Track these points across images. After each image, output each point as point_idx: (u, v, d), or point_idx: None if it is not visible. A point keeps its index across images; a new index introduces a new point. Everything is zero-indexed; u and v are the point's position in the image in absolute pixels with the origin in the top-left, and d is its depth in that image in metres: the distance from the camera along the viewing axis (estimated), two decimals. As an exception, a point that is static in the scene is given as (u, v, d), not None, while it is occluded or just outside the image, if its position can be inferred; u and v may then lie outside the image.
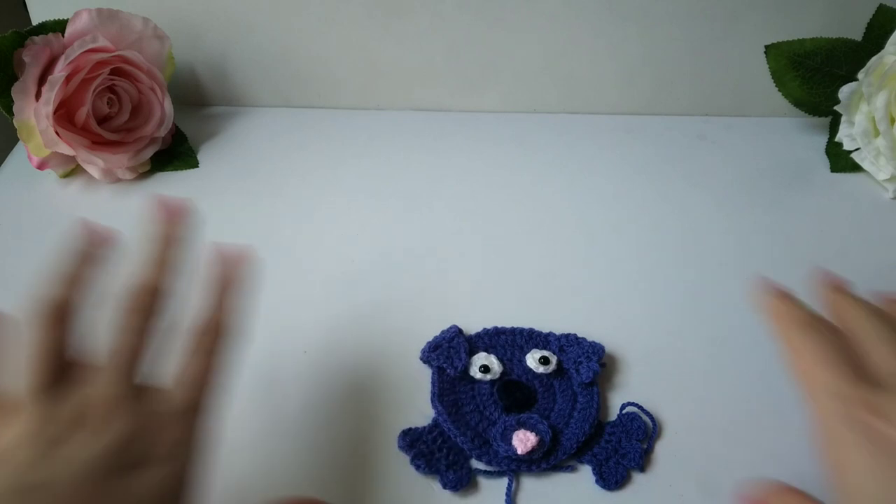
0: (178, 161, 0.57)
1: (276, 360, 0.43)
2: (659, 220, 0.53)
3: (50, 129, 0.51)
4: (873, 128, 0.54)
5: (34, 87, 0.51)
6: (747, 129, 0.61)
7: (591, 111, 0.62)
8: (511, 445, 0.38)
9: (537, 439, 0.38)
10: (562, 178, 0.56)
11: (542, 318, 0.45)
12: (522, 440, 0.38)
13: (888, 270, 0.49)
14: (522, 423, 0.39)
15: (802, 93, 0.57)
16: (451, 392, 0.41)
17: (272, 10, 0.58)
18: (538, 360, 0.42)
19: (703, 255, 0.50)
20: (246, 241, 0.51)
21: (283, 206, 0.54)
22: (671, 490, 0.38)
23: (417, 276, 0.49)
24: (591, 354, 0.42)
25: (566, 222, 0.53)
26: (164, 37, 0.55)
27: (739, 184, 0.56)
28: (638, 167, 0.57)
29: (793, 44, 0.55)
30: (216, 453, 0.39)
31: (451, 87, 0.62)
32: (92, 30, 0.51)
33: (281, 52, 0.60)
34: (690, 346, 0.44)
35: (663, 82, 0.61)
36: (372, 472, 0.38)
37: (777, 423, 0.40)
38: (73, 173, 0.55)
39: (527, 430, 0.38)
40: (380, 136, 0.60)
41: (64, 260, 0.30)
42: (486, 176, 0.57)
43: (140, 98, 0.55)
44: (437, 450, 0.38)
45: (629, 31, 0.59)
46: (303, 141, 0.60)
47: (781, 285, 0.34)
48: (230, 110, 0.63)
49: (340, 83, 0.62)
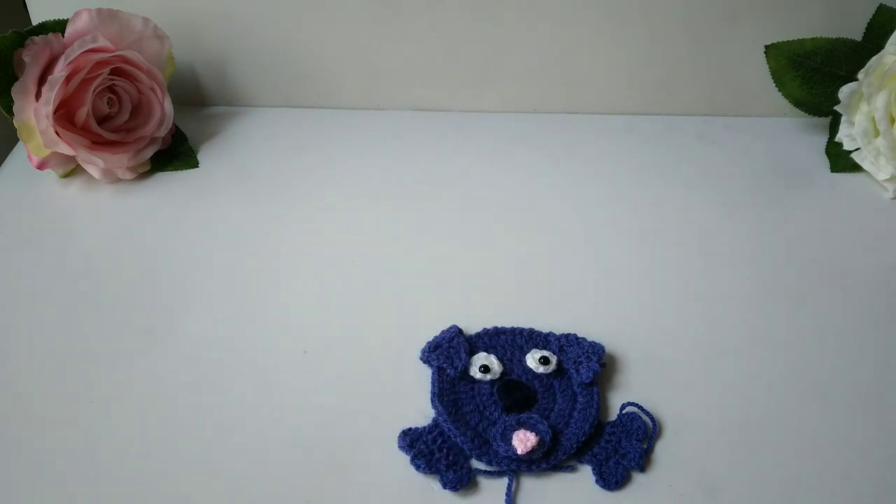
0: (178, 161, 0.57)
1: (276, 360, 0.43)
2: (659, 219, 0.53)
3: (50, 129, 0.51)
4: (873, 128, 0.54)
5: (34, 87, 0.51)
6: (747, 129, 0.61)
7: (591, 111, 0.62)
8: (511, 445, 0.38)
9: (537, 439, 0.38)
10: (562, 177, 0.56)
11: (542, 318, 0.45)
12: (522, 440, 0.38)
13: (888, 271, 0.49)
14: (522, 423, 0.39)
15: (802, 93, 0.57)
16: (451, 392, 0.41)
17: (272, 10, 0.58)
18: (538, 360, 0.42)
19: (703, 255, 0.50)
20: (245, 241, 0.51)
21: (283, 206, 0.54)
22: (671, 490, 0.38)
23: (417, 276, 0.49)
24: (591, 354, 0.42)
25: (566, 222, 0.53)
26: (164, 37, 0.55)
27: (739, 183, 0.56)
28: (638, 167, 0.57)
29: (793, 44, 0.56)
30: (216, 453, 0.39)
31: (451, 87, 0.62)
32: (92, 30, 0.52)
33: (281, 52, 0.60)
34: (691, 346, 0.44)
35: (663, 82, 0.61)
36: (372, 472, 0.38)
37: (777, 422, 0.40)
38: (73, 173, 0.55)
39: (527, 430, 0.38)
40: (380, 136, 0.60)
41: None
42: (486, 176, 0.56)
43: (140, 98, 0.55)
44: (437, 450, 0.38)
45: (629, 31, 0.59)
46: (303, 141, 0.60)
47: None
48: (230, 110, 0.63)
49: (340, 83, 0.62)
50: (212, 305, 0.47)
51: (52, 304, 0.47)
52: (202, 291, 0.48)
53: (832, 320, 0.46)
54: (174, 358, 0.43)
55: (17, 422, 0.40)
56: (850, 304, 0.47)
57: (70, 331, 0.45)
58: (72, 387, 0.42)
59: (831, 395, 0.42)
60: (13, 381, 0.42)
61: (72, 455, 0.39)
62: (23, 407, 0.41)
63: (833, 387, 0.42)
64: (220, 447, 0.39)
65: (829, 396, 0.42)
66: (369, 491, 0.37)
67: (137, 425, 0.40)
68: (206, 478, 0.38)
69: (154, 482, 0.38)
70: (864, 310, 0.47)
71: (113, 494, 0.37)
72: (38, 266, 0.49)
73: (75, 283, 0.48)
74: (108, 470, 0.38)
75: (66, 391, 0.42)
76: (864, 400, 0.42)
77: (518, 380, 0.41)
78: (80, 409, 0.41)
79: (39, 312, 0.46)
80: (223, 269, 0.49)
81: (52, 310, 0.46)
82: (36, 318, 0.46)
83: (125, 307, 0.46)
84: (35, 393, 0.42)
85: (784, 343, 0.45)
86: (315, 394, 0.42)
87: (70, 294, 0.47)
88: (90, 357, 0.43)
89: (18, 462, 0.38)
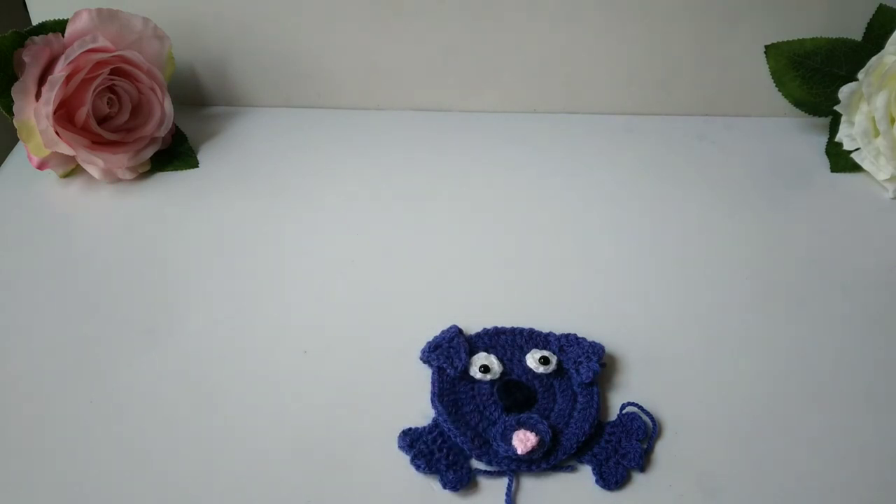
0: (179, 161, 0.57)
1: (276, 360, 0.43)
2: (659, 219, 0.53)
3: (50, 129, 0.51)
4: (873, 128, 0.54)
5: (34, 87, 0.51)
6: (747, 129, 0.61)
7: (591, 111, 0.62)
8: (511, 445, 0.38)
9: (537, 439, 0.38)
10: (562, 177, 0.56)
11: (542, 318, 0.45)
12: (522, 440, 0.38)
13: (888, 271, 0.49)
14: (522, 423, 0.39)
15: (802, 93, 0.57)
16: (450, 392, 0.41)
17: (272, 10, 0.58)
18: (538, 360, 0.42)
19: (703, 255, 0.50)
20: (245, 241, 0.51)
21: (283, 206, 0.54)
22: (671, 490, 0.38)
23: (417, 276, 0.49)
24: (591, 354, 0.42)
25: (566, 222, 0.53)
26: (164, 37, 0.55)
27: (739, 183, 0.56)
28: (638, 167, 0.57)
29: (793, 44, 0.56)
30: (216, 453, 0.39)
31: (451, 87, 0.62)
32: (92, 30, 0.52)
33: (281, 52, 0.60)
34: (690, 346, 0.44)
35: (663, 82, 0.61)
36: (372, 471, 0.38)
37: (777, 423, 0.40)
38: (73, 173, 0.55)
39: (527, 430, 0.38)
40: (380, 136, 0.60)
41: None
42: (485, 176, 0.57)
43: (140, 98, 0.55)
44: (437, 450, 0.38)
45: (629, 31, 0.59)
46: (303, 141, 0.60)
47: None
48: (230, 110, 0.63)
49: (340, 83, 0.62)
50: (212, 305, 0.47)
51: (52, 304, 0.47)
52: (202, 291, 0.48)
53: (832, 320, 0.46)
54: (174, 358, 0.43)
55: (17, 421, 0.40)
56: (849, 305, 0.47)
57: (70, 330, 0.45)
58: (72, 386, 0.42)
59: (831, 395, 0.42)
60: (13, 380, 0.42)
61: (72, 454, 0.39)
62: (23, 407, 0.41)
63: (833, 387, 0.42)
64: (220, 447, 0.39)
65: (829, 396, 0.42)
66: (369, 491, 0.37)
67: (138, 425, 0.40)
68: (206, 477, 0.38)
69: (154, 482, 0.38)
70: (863, 310, 0.47)
71: (113, 494, 0.37)
72: (38, 266, 0.49)
73: (75, 282, 0.48)
74: (108, 469, 0.38)
75: (67, 391, 0.42)
76: (864, 400, 0.42)
77: (518, 380, 0.41)
78: (80, 409, 0.41)
79: (39, 312, 0.46)
80: (223, 269, 0.49)
81: (52, 310, 0.46)
82: (36, 317, 0.46)
83: (125, 307, 0.46)
84: (35, 393, 0.42)
85: (784, 343, 0.45)
86: (315, 394, 0.42)
87: (70, 294, 0.47)
88: (90, 357, 0.43)
89: (19, 462, 0.38)
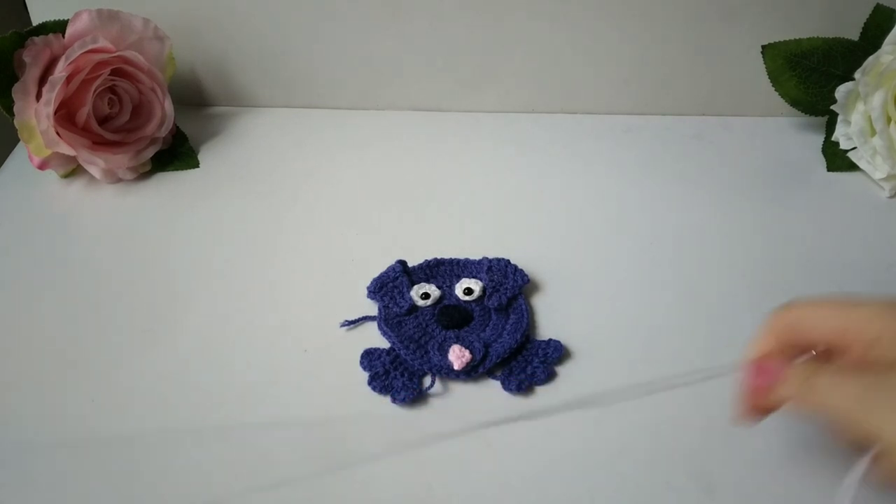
0: (179, 161, 0.58)
1: (276, 360, 0.44)
2: (656, 219, 0.53)
3: (51, 129, 0.51)
4: (870, 127, 0.54)
5: (35, 88, 0.51)
6: (744, 128, 0.61)
7: (589, 111, 0.63)
8: (447, 359, 0.42)
9: (471, 357, 0.42)
10: (560, 177, 0.57)
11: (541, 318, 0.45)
12: (458, 356, 0.42)
13: (885, 269, 0.50)
14: (460, 339, 0.43)
15: (799, 92, 0.57)
16: (396, 318, 0.45)
17: (272, 10, 0.58)
18: (463, 290, 0.46)
19: (700, 254, 0.50)
20: (246, 240, 0.52)
21: (283, 206, 0.54)
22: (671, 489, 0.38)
23: (417, 276, 0.49)
24: (515, 279, 0.46)
25: (565, 221, 0.53)
26: (164, 37, 0.55)
27: (736, 183, 0.56)
28: (635, 167, 0.58)
29: (789, 43, 0.56)
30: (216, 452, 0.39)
31: (450, 87, 0.62)
32: (92, 30, 0.52)
33: (281, 52, 0.60)
34: (689, 345, 0.45)
35: (661, 82, 0.61)
36: (372, 471, 0.38)
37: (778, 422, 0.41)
38: (74, 173, 0.56)
39: (462, 346, 0.42)
40: (380, 136, 0.60)
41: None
42: (485, 176, 0.57)
43: (141, 98, 0.55)
44: (393, 369, 0.42)
45: (627, 32, 0.59)
46: (303, 141, 0.60)
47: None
48: (230, 110, 0.63)
49: (340, 83, 0.62)
50: (212, 305, 0.47)
51: (52, 304, 0.47)
52: (202, 291, 0.48)
53: (829, 319, 0.46)
54: (174, 357, 0.44)
55: (17, 421, 0.40)
56: (846, 303, 0.47)
57: (70, 330, 0.45)
58: (73, 385, 0.42)
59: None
60: (14, 380, 0.43)
61: (72, 454, 0.39)
62: (24, 406, 0.41)
63: (830, 385, 0.42)
64: (220, 446, 0.39)
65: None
66: (369, 491, 0.38)
67: (138, 424, 0.40)
68: (206, 477, 0.38)
69: (154, 481, 0.38)
70: (860, 308, 0.47)
71: (113, 492, 0.37)
72: (39, 266, 0.50)
73: (76, 282, 0.48)
74: (108, 468, 0.38)
75: (67, 390, 0.42)
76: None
77: (456, 304, 0.46)
78: (80, 408, 0.41)
79: (40, 312, 0.46)
80: (223, 269, 0.49)
81: (52, 309, 0.46)
82: (36, 317, 0.46)
83: (126, 306, 0.47)
84: (36, 392, 0.42)
85: (781, 341, 0.45)
86: (315, 393, 0.42)
87: (70, 294, 0.47)
88: (91, 356, 0.44)
89: (19, 461, 0.39)
